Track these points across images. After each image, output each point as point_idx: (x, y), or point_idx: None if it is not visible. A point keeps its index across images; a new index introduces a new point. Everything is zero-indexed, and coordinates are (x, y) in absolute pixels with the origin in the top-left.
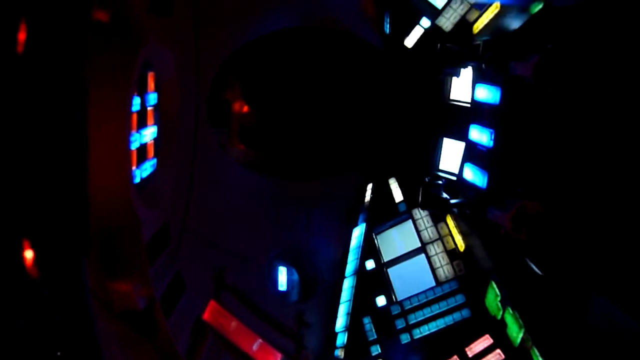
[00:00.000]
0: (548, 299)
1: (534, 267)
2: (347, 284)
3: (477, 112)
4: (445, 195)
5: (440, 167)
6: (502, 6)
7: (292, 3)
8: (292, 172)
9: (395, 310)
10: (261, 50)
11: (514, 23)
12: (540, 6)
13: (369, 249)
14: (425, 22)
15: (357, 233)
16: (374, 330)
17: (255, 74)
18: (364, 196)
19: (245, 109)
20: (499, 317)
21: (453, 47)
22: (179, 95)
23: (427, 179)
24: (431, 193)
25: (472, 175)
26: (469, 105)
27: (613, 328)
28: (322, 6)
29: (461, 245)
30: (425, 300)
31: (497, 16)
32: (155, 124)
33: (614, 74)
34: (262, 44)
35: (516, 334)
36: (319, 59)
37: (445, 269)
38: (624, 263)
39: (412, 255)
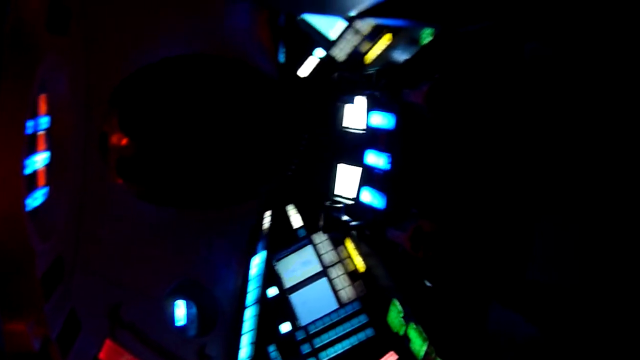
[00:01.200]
0: (449, 311)
1: (427, 282)
2: (250, 314)
3: (373, 137)
4: (345, 217)
5: (336, 192)
6: (393, 38)
7: (186, 30)
8: (189, 202)
9: (300, 335)
10: (155, 76)
11: (404, 54)
12: (430, 38)
13: (270, 276)
14: (320, 52)
15: (257, 261)
16: (280, 357)
17: (147, 100)
18: (263, 224)
19: (124, 141)
20: (402, 332)
21: (348, 75)
22: (73, 120)
23: (327, 203)
24: (332, 216)
25: (371, 197)
26: (363, 132)
27: (513, 335)
28: (218, 34)
29: (361, 266)
30: (329, 322)
31: (389, 48)
32: (47, 149)
33: (495, 100)
34: (156, 70)
35: (420, 347)
36: (214, 87)
37: (347, 291)
38: (517, 272)
39: (314, 279)
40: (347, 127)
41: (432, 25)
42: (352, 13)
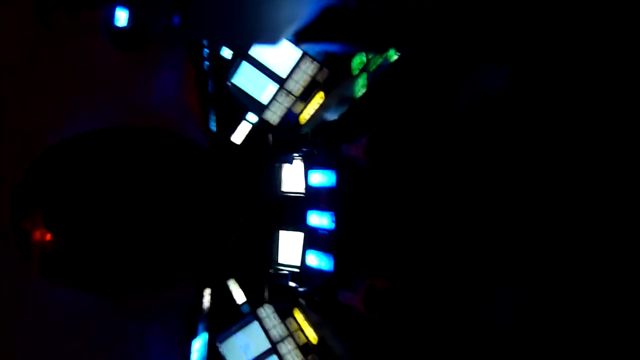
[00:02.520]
0: None
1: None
2: None
3: (314, 197)
4: (292, 284)
5: (280, 261)
6: (325, 97)
7: (106, 103)
8: (117, 288)
9: None
10: (71, 154)
11: (338, 111)
12: (364, 90)
13: (215, 359)
14: (252, 117)
15: (198, 345)
16: None
17: (66, 181)
18: (202, 303)
19: (48, 236)
20: None
21: (283, 135)
22: None
23: (271, 271)
24: (278, 285)
25: (317, 260)
26: (303, 194)
27: None
28: (144, 105)
29: (313, 337)
30: None
31: (322, 106)
32: None
33: (437, 145)
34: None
35: None
36: (142, 161)
37: None
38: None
39: (263, 358)
40: (287, 192)
41: (364, 48)
42: (281, 41)
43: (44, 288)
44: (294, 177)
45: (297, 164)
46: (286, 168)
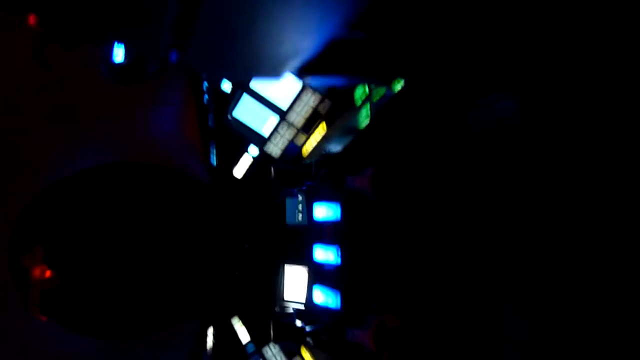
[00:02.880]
0: None
1: None
2: None
3: (319, 231)
4: (298, 322)
5: (285, 298)
6: (328, 128)
7: (104, 137)
8: (115, 329)
9: None
10: (70, 192)
11: (340, 144)
12: (367, 121)
13: None
14: (254, 150)
15: None
16: None
17: (65, 220)
18: (205, 343)
19: (48, 274)
20: None
21: (285, 168)
22: None
23: (276, 309)
24: (283, 323)
25: (323, 297)
26: (306, 225)
27: None
28: (143, 140)
29: None
30: None
31: (325, 137)
32: None
33: (441, 179)
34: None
35: None
36: (142, 198)
37: None
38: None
39: None
40: (291, 224)
41: (370, 80)
42: (284, 75)
43: (42, 327)
44: (296, 210)
45: (299, 198)
46: (289, 201)
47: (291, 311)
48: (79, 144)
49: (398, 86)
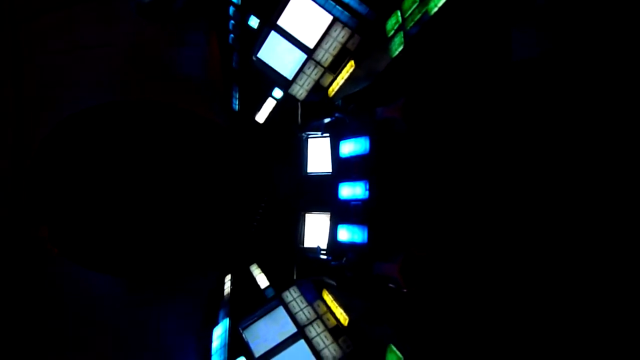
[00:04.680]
0: (455, 344)
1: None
2: None
3: (344, 169)
4: (323, 256)
5: (306, 246)
6: (356, 66)
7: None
8: (135, 274)
9: None
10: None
11: (366, 81)
12: (401, 48)
13: (237, 346)
14: (278, 93)
15: (219, 332)
16: None
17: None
18: (223, 290)
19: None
20: None
21: (313, 101)
22: None
23: (301, 246)
24: (307, 260)
25: (349, 234)
26: (329, 173)
27: None
28: (167, 79)
29: (344, 319)
30: None
31: (351, 78)
32: None
33: (474, 108)
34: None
35: None
36: (161, 140)
37: (330, 349)
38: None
39: (290, 343)
40: (312, 172)
41: None
42: None
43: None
44: (320, 155)
45: (323, 145)
46: (312, 143)
47: (316, 247)
48: (100, 80)
49: (434, 9)
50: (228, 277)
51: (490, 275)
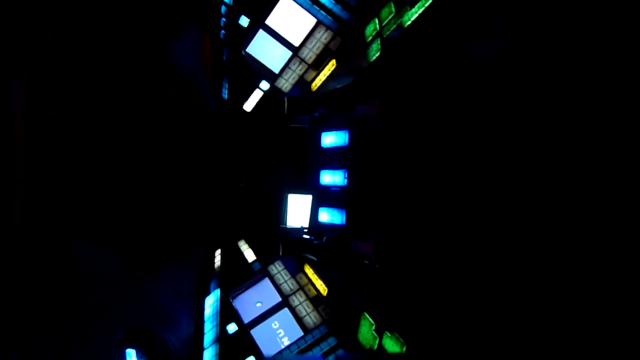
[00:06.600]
0: (421, 312)
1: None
2: (209, 354)
3: (326, 158)
4: (306, 236)
5: (289, 225)
6: (337, 64)
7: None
8: (131, 247)
9: None
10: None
11: (347, 79)
12: (378, 54)
13: (228, 313)
14: (265, 85)
15: (211, 301)
16: None
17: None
18: (214, 262)
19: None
20: (375, 346)
21: (296, 96)
22: None
23: (284, 226)
24: (291, 239)
25: (329, 216)
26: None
27: None
28: (160, 70)
29: (324, 289)
30: (297, 350)
31: (333, 75)
32: None
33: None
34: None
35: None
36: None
37: (312, 316)
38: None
39: (275, 311)
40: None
41: None
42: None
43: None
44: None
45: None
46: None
47: (298, 228)
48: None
49: (408, 22)
50: (218, 252)
51: (452, 251)
